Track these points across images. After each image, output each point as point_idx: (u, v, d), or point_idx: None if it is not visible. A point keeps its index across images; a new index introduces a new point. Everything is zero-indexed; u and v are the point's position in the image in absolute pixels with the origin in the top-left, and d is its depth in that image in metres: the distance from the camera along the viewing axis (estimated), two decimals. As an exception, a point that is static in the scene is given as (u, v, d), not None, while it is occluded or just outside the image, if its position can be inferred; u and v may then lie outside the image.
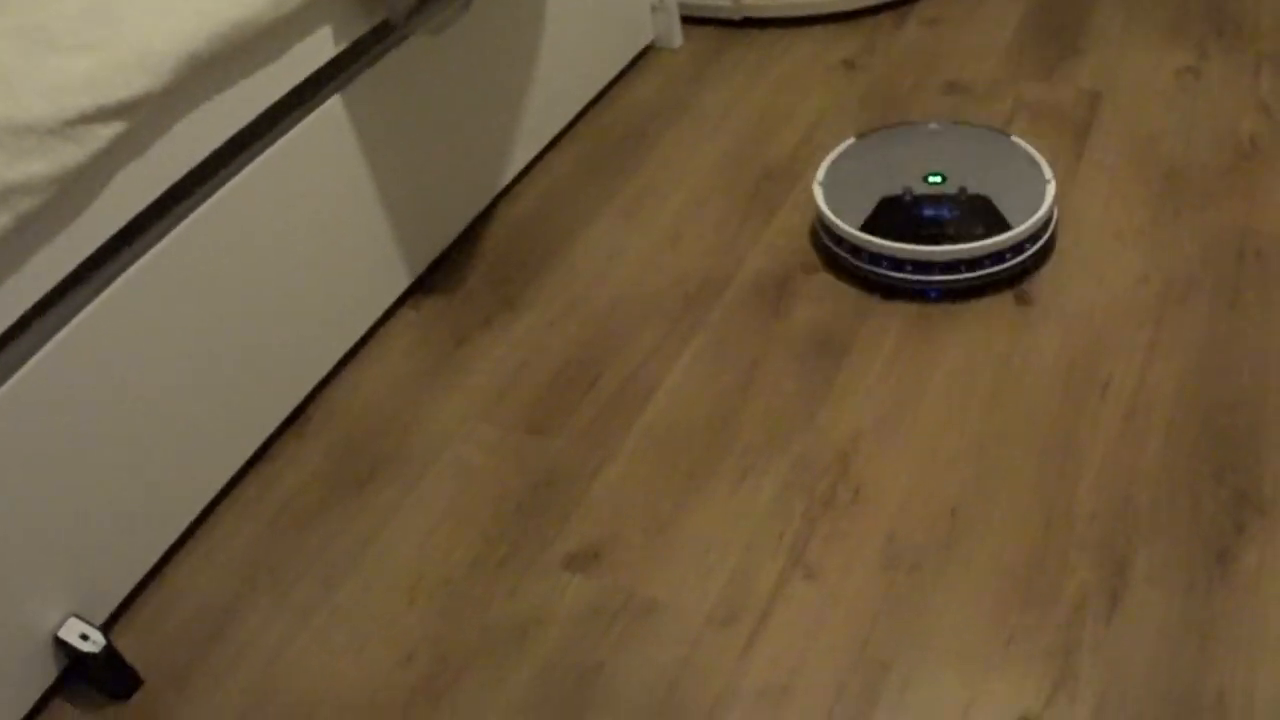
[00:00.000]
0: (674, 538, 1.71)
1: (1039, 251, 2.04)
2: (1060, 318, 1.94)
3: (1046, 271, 2.02)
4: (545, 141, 2.43)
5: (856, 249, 2.04)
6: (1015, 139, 2.16)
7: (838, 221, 2.05)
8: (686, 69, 2.67)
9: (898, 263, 2.01)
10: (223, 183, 1.71)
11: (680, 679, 1.54)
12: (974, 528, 1.67)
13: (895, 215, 2.04)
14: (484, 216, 2.31)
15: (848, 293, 2.05)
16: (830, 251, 2.11)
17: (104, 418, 1.59)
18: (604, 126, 2.53)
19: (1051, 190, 2.04)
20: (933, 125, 2.24)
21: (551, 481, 1.81)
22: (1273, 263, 1.99)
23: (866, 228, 2.03)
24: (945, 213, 2.02)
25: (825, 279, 2.08)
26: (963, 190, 2.05)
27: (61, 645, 1.59)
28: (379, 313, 2.07)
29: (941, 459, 1.76)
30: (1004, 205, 2.02)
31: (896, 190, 2.08)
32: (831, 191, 2.12)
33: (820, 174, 2.16)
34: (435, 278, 2.18)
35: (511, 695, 1.55)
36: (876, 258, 2.02)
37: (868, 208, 2.06)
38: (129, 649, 1.66)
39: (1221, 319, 1.91)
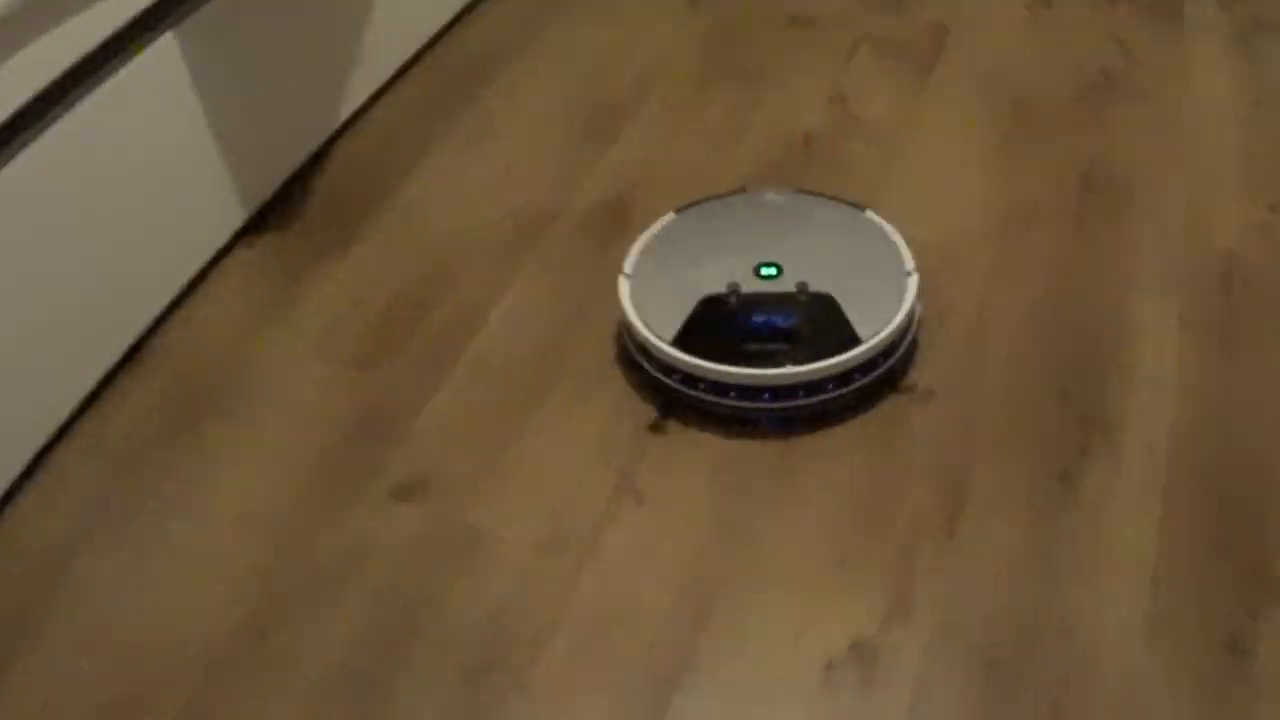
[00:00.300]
0: (502, 466, 1.69)
1: (899, 360, 1.73)
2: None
3: (885, 200, 1.99)
4: (386, 77, 2.39)
5: (668, 367, 1.69)
6: (870, 214, 1.84)
7: (644, 331, 1.70)
8: (530, 6, 2.64)
9: (719, 386, 1.67)
10: (52, 122, 1.65)
11: (508, 607, 1.52)
12: (806, 451, 1.66)
13: (719, 321, 1.69)
14: (322, 152, 2.26)
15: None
16: (638, 366, 1.76)
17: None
18: (446, 62, 2.49)
19: (913, 285, 1.71)
20: (770, 195, 1.89)
21: (379, 414, 1.78)
22: (1120, 190, 2.01)
23: (683, 336, 1.68)
24: (779, 320, 1.69)
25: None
26: (802, 288, 1.70)
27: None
28: (214, 250, 2.03)
29: (778, 384, 1.75)
30: (851, 307, 1.68)
31: (720, 288, 1.71)
32: (641, 287, 1.76)
33: (628, 264, 1.79)
34: (271, 215, 2.13)
35: (339, 628, 1.52)
36: (691, 379, 1.68)
37: (685, 309, 1.70)
38: (-43, 598, 1.62)
39: (1067, 245, 1.92)
